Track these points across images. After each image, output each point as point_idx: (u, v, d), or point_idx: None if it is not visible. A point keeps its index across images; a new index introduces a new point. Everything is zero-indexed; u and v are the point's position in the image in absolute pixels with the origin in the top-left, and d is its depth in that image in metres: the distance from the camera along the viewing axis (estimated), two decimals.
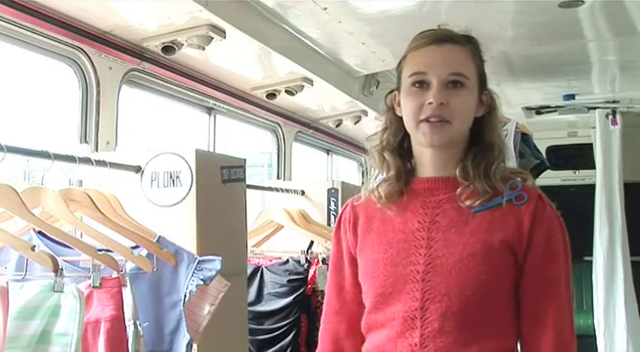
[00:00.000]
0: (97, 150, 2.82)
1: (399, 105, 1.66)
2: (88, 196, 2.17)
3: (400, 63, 1.68)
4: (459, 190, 1.59)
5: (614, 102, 5.48)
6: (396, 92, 1.68)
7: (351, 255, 1.71)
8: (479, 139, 1.63)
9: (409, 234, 1.60)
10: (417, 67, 1.61)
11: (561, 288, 1.55)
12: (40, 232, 2.07)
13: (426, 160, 1.65)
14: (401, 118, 1.65)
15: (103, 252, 1.98)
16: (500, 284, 1.53)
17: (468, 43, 1.64)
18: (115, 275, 1.97)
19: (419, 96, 1.58)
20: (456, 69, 1.59)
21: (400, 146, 1.69)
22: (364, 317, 1.65)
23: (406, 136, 1.67)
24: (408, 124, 1.62)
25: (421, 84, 1.59)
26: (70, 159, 2.30)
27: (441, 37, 1.62)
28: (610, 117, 5.55)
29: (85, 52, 2.81)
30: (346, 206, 1.76)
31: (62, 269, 1.81)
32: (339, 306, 1.73)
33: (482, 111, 1.64)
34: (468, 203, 1.57)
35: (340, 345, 1.72)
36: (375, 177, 1.72)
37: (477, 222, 1.56)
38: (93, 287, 1.92)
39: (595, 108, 5.55)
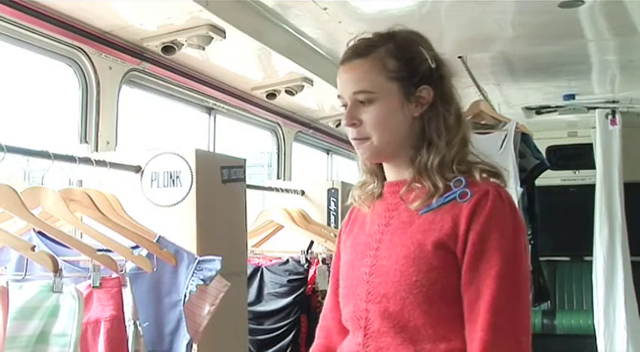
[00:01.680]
0: (97, 150, 2.81)
1: None
2: (88, 196, 2.17)
3: None
4: (401, 192, 1.58)
5: (613, 102, 5.47)
6: None
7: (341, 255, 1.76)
8: (422, 138, 1.58)
9: (368, 236, 1.61)
10: (338, 91, 1.62)
11: (499, 289, 1.43)
12: (40, 232, 2.07)
13: (385, 166, 1.66)
14: None
15: (103, 252, 1.98)
16: (437, 286, 1.47)
17: (375, 48, 1.58)
18: (114, 275, 1.96)
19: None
20: (357, 87, 1.57)
21: None
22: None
23: None
24: None
25: (345, 106, 1.60)
26: (70, 159, 2.30)
27: (346, 55, 1.62)
28: (610, 117, 5.54)
29: (85, 52, 2.81)
30: (352, 208, 1.78)
31: (61, 270, 1.81)
32: (333, 304, 1.75)
33: (421, 110, 1.57)
34: (414, 203, 1.55)
35: (332, 342, 1.74)
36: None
37: (420, 223, 1.53)
38: (93, 287, 1.92)
39: (595, 108, 5.55)
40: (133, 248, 2.12)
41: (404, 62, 1.57)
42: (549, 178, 5.73)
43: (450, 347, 1.48)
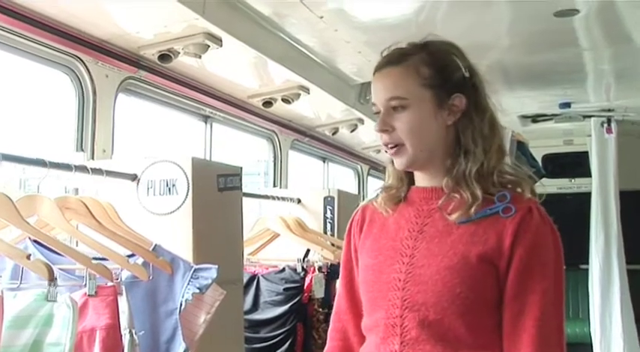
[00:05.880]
0: (93, 159, 2.81)
1: None
2: (84, 204, 2.16)
3: None
4: (440, 201, 1.59)
5: (609, 110, 5.49)
6: None
7: (357, 256, 1.73)
8: (458, 146, 1.59)
9: (398, 241, 1.60)
10: (372, 98, 1.64)
11: (545, 305, 1.48)
12: (35, 241, 2.06)
13: (417, 173, 1.66)
14: None
15: (98, 260, 1.97)
16: (479, 298, 1.50)
17: (409, 56, 1.60)
18: (110, 283, 1.96)
19: None
20: (391, 93, 1.58)
21: None
22: (362, 320, 1.67)
23: None
24: None
25: (378, 113, 1.62)
26: (66, 167, 2.29)
27: (380, 64, 1.63)
28: (605, 125, 5.56)
29: (81, 60, 2.81)
30: (359, 209, 1.78)
31: (56, 279, 1.81)
32: (348, 305, 1.74)
33: (454, 118, 1.59)
34: (454, 214, 1.55)
35: (349, 343, 1.73)
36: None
37: (460, 234, 1.53)
38: (88, 295, 1.92)
39: (590, 116, 5.56)
40: (129, 256, 2.11)
41: (437, 70, 1.59)
42: (545, 186, 5.72)
43: None
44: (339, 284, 1.81)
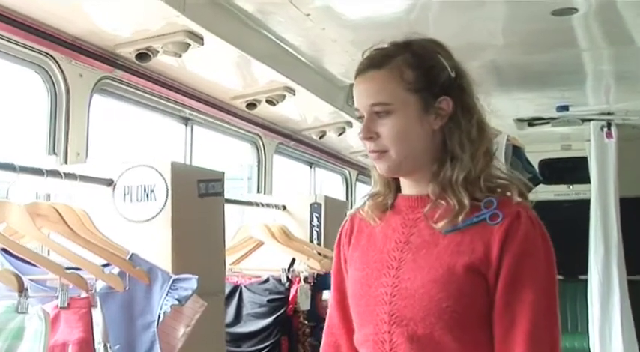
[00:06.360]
0: (66, 162, 2.80)
1: None
2: (56, 211, 2.15)
3: None
4: (426, 208, 1.59)
5: (609, 114, 5.53)
6: None
7: (347, 267, 1.74)
8: (445, 151, 1.59)
9: (385, 253, 1.61)
10: (355, 103, 1.64)
11: (536, 317, 1.47)
12: (4, 249, 2.05)
13: (403, 180, 1.66)
14: None
15: (72, 270, 1.96)
16: (468, 312, 1.50)
17: (392, 58, 1.59)
18: (84, 295, 1.95)
19: None
20: (374, 99, 1.58)
21: None
22: (354, 334, 1.68)
23: None
24: None
25: (361, 118, 1.62)
26: (38, 171, 2.28)
27: (362, 66, 1.63)
28: (605, 129, 5.59)
29: (54, 58, 2.80)
30: (347, 218, 1.78)
31: (27, 290, 1.80)
32: (340, 318, 1.75)
33: (441, 122, 1.58)
34: (440, 222, 1.55)
35: None
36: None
37: (446, 244, 1.53)
38: (60, 307, 1.91)
39: (589, 120, 5.60)
40: (104, 266, 2.10)
41: (422, 72, 1.58)
42: (542, 193, 5.77)
43: None
44: (330, 296, 1.82)
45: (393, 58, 1.59)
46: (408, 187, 1.65)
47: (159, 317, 2.13)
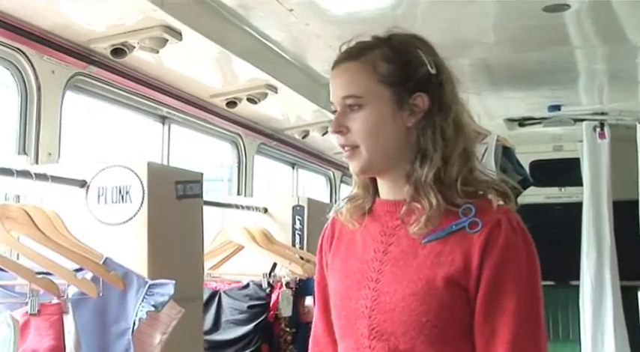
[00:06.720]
0: (37, 163, 2.78)
1: None
2: (26, 213, 2.14)
3: None
4: (402, 212, 1.57)
5: (602, 114, 5.56)
6: None
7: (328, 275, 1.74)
8: (418, 150, 1.57)
9: (364, 263, 1.60)
10: (330, 97, 1.63)
11: (518, 326, 1.46)
12: None
13: (380, 183, 1.66)
14: None
15: (43, 275, 1.95)
16: (449, 326, 1.49)
17: (369, 51, 1.59)
18: (55, 301, 1.94)
19: None
20: (346, 91, 1.58)
21: None
22: (338, 345, 1.67)
23: None
24: None
25: (335, 112, 1.62)
26: (7, 172, 2.27)
27: (338, 58, 1.63)
28: (597, 130, 5.62)
29: (24, 54, 2.78)
30: (328, 223, 1.79)
31: None
32: (325, 327, 1.75)
33: (415, 119, 1.57)
34: (415, 226, 1.53)
35: None
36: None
37: (425, 255, 1.52)
38: (30, 314, 1.90)
39: (582, 120, 5.63)
40: (77, 270, 2.09)
41: (398, 66, 1.58)
42: (533, 196, 5.79)
43: None
44: (315, 305, 1.82)
45: (369, 50, 1.60)
46: (385, 191, 1.64)
47: (134, 324, 2.12)
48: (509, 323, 1.46)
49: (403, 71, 1.57)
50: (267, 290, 3.40)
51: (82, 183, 2.50)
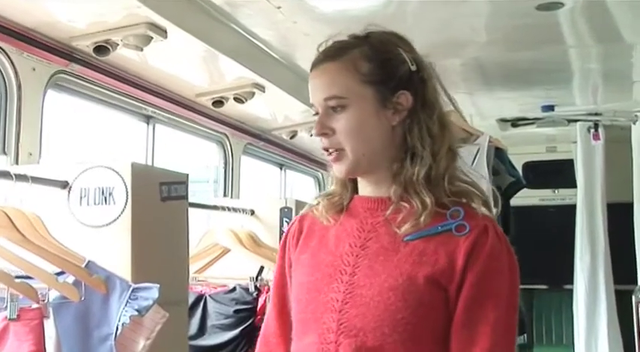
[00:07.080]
0: (17, 163, 2.78)
1: None
2: (6, 215, 2.13)
3: None
4: (388, 212, 1.58)
5: (596, 114, 5.58)
6: None
7: (291, 272, 1.73)
8: (405, 149, 1.59)
9: (337, 257, 1.60)
10: (310, 99, 1.64)
11: (497, 336, 1.48)
12: None
13: (360, 180, 1.66)
14: None
15: (22, 279, 1.94)
16: (423, 325, 1.49)
17: (348, 50, 1.61)
18: (35, 305, 1.93)
19: None
20: (328, 92, 1.59)
21: None
22: (292, 345, 1.66)
23: None
24: None
25: (317, 114, 1.63)
26: None
27: (317, 59, 1.64)
28: (592, 131, 5.64)
29: (4, 51, 2.78)
30: (295, 219, 1.78)
31: None
32: (278, 327, 1.73)
33: (399, 117, 1.59)
34: (403, 226, 1.54)
35: None
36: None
37: (407, 252, 1.53)
38: (9, 319, 1.89)
39: (576, 120, 5.65)
40: (58, 274, 2.09)
41: (379, 65, 1.59)
42: (526, 198, 5.79)
43: None
44: (269, 303, 1.81)
45: (348, 49, 1.60)
46: (366, 188, 1.65)
47: (117, 329, 2.12)
48: (489, 332, 1.47)
49: (384, 69, 1.59)
50: (254, 294, 3.40)
51: (64, 184, 2.49)
